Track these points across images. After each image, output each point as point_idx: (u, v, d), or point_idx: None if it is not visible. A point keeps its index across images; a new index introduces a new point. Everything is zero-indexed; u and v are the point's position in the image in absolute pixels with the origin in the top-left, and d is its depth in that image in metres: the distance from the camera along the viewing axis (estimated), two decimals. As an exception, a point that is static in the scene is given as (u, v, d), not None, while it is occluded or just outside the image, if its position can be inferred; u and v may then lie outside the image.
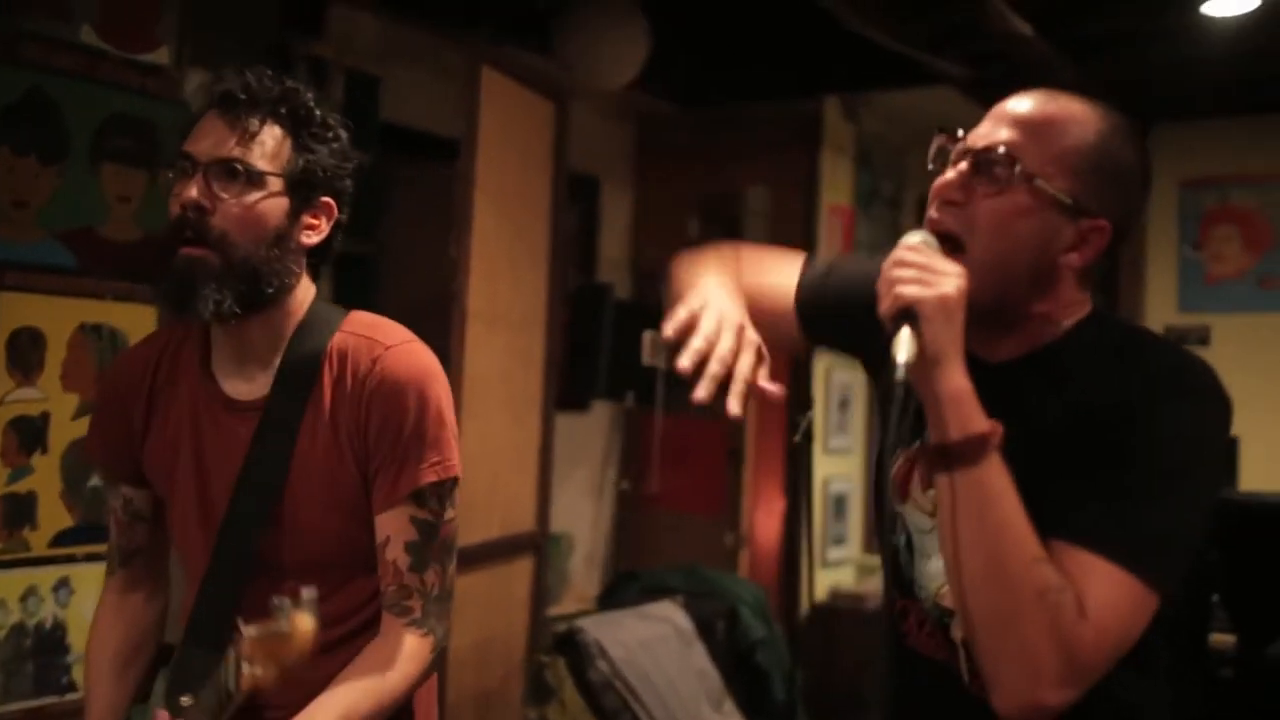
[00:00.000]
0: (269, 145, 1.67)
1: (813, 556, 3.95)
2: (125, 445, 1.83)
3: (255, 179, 1.65)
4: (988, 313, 1.42)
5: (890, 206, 6.14)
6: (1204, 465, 1.38)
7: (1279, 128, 5.58)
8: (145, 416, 1.81)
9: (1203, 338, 5.68)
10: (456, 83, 4.47)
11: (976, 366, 1.40)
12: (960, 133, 1.49)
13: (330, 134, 1.73)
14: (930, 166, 1.50)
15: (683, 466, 5.01)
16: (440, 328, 4.21)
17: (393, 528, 1.70)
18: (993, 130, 1.44)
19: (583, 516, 5.31)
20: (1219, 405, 1.39)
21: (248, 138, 1.65)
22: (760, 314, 1.58)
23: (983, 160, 1.42)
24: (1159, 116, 5.70)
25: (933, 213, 1.46)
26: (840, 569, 5.67)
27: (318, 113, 1.72)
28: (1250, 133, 5.62)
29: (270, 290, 1.69)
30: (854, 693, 4.42)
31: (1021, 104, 1.46)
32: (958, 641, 1.47)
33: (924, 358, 1.32)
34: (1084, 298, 1.48)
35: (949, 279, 1.34)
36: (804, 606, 5.41)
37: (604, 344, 4.07)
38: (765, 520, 5.51)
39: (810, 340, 1.78)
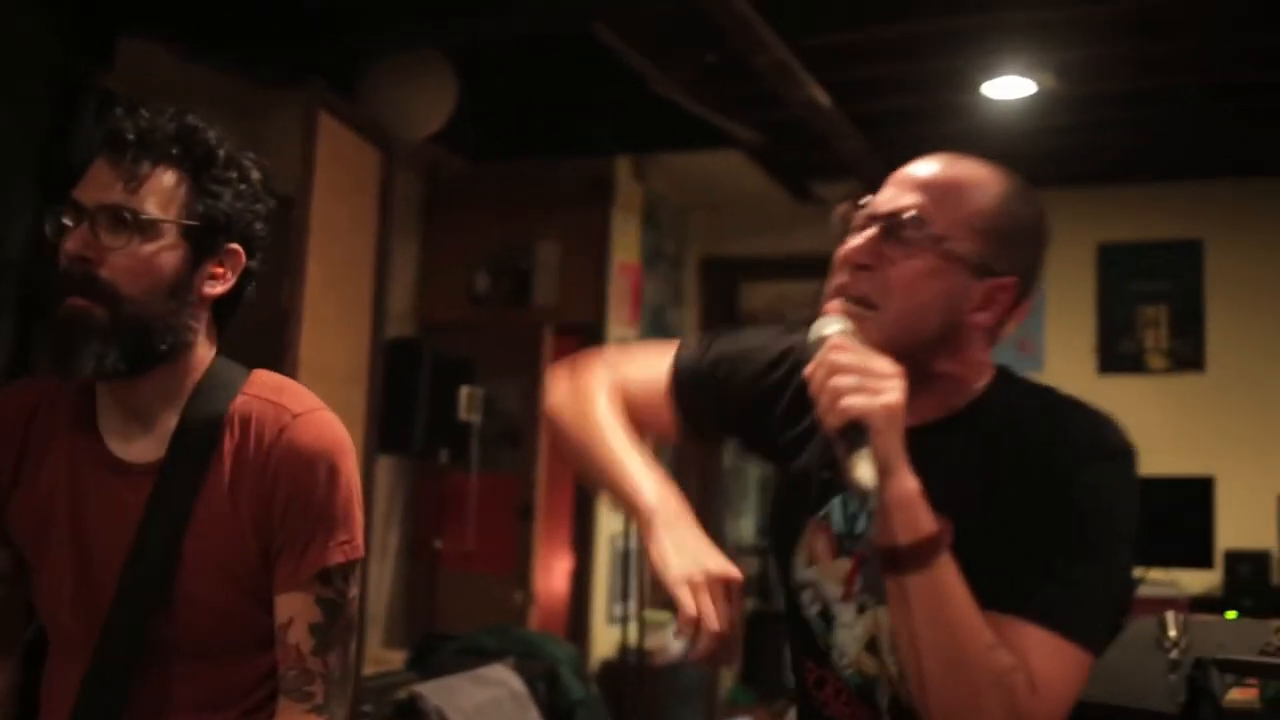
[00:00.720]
0: (163, 190, 1.54)
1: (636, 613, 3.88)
2: None
3: (146, 227, 1.52)
4: (915, 379, 1.39)
5: (673, 266, 6.24)
6: (1129, 523, 1.41)
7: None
8: (14, 470, 1.63)
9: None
10: (256, 123, 4.34)
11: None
12: (864, 200, 1.50)
13: (236, 174, 1.60)
14: (833, 230, 1.51)
15: (474, 524, 4.92)
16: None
17: (295, 608, 1.58)
18: (898, 195, 1.45)
19: (368, 574, 5.14)
20: (1132, 461, 1.43)
21: (137, 183, 1.53)
22: (638, 411, 1.64)
23: (892, 224, 1.42)
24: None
25: (843, 278, 1.46)
26: (626, 625, 5.67)
27: (221, 152, 1.59)
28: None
29: (163, 347, 1.55)
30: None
31: (925, 169, 1.47)
32: (883, 708, 1.48)
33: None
34: (988, 358, 1.49)
35: (892, 383, 1.31)
36: (593, 663, 5.39)
37: (421, 399, 3.96)
38: (552, 577, 5.47)
39: (687, 421, 1.69)
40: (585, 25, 4.01)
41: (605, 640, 5.48)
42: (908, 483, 1.32)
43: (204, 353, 1.63)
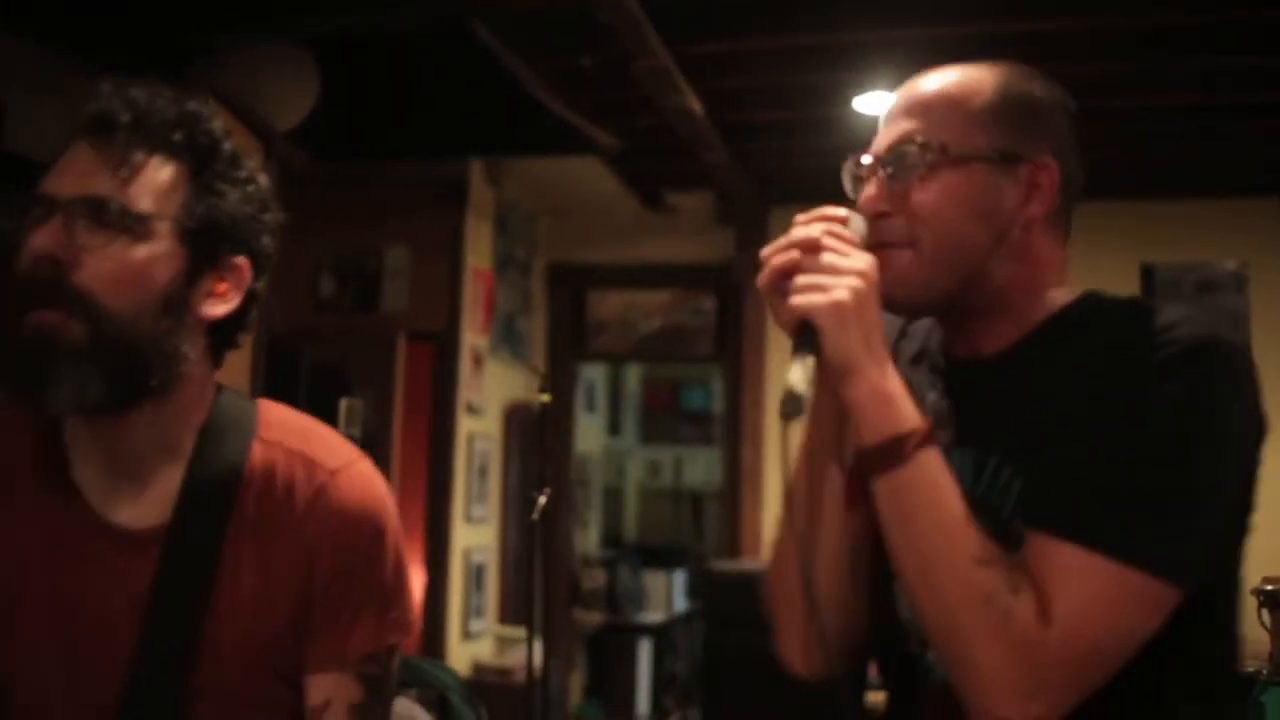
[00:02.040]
0: (158, 183, 1.28)
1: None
2: None
3: (135, 225, 1.25)
4: (965, 304, 1.36)
5: (523, 273, 6.12)
6: (1222, 426, 1.21)
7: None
8: None
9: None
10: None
11: (969, 365, 1.37)
12: (862, 156, 1.42)
13: (242, 174, 1.36)
14: (850, 195, 1.43)
15: None
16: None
17: (334, 689, 1.35)
18: (891, 128, 1.38)
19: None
20: (1229, 359, 1.23)
21: (127, 171, 1.26)
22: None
23: (894, 158, 1.35)
24: (778, 201, 6.04)
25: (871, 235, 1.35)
26: (480, 641, 5.51)
27: (226, 146, 1.35)
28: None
29: (153, 381, 1.28)
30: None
31: (908, 92, 1.41)
32: None
33: (832, 369, 1.24)
34: (1062, 256, 1.39)
35: (845, 281, 1.23)
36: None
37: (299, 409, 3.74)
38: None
39: None
40: (464, 22, 3.86)
41: (460, 657, 5.31)
42: (874, 381, 1.24)
43: (205, 389, 1.37)
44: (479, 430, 5.56)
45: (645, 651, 6.74)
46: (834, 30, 4.04)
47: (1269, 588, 2.33)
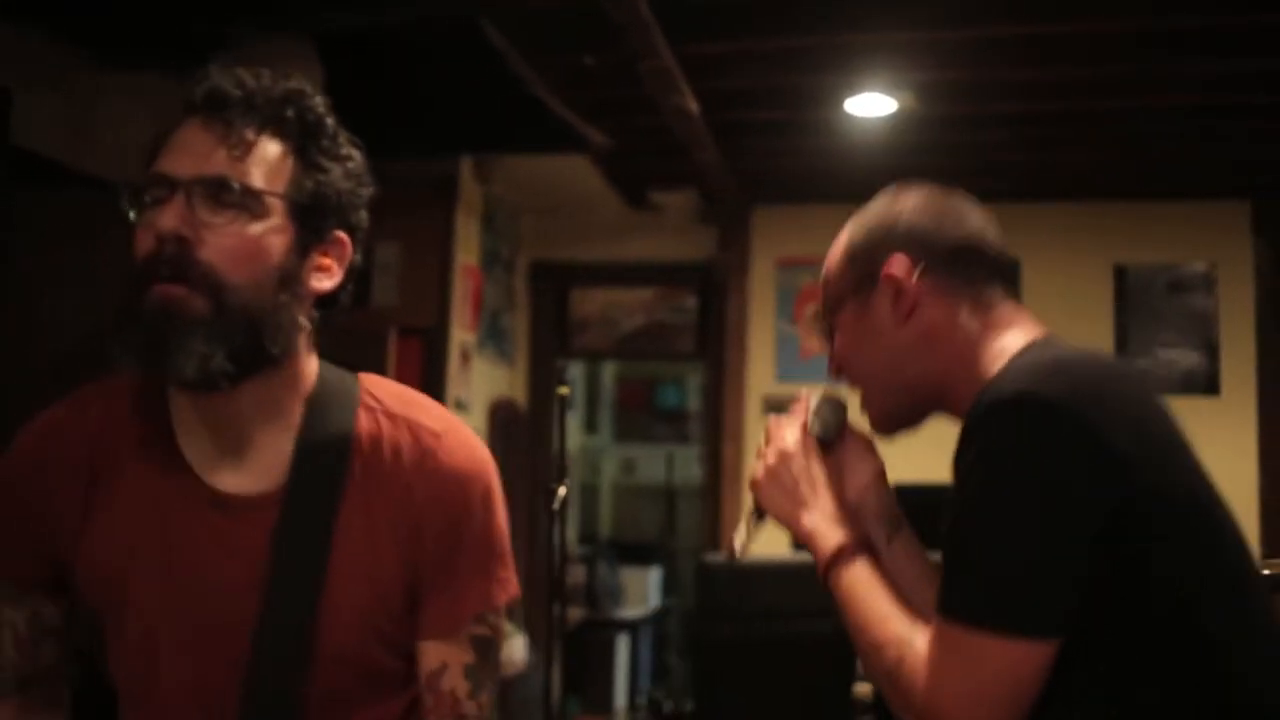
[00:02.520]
0: (269, 161, 1.33)
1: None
2: (45, 544, 1.39)
3: (253, 202, 1.31)
4: (933, 408, 1.54)
5: (506, 270, 6.16)
6: (1020, 477, 1.28)
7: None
8: (82, 511, 1.38)
9: (797, 406, 6.13)
10: (84, 107, 4.08)
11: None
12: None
13: (343, 150, 1.41)
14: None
15: None
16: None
17: (448, 654, 1.41)
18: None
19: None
20: (1018, 409, 1.29)
21: (241, 150, 1.31)
22: None
23: (822, 329, 1.64)
24: (762, 200, 6.13)
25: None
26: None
27: (330, 122, 1.40)
28: (839, 219, 6.16)
29: (275, 350, 1.33)
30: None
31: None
32: None
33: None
34: (981, 316, 1.49)
35: (763, 460, 1.62)
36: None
37: None
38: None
39: None
40: (471, 20, 3.92)
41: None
42: (800, 524, 1.57)
43: (309, 361, 1.42)
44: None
45: (623, 646, 6.80)
46: (832, 31, 4.13)
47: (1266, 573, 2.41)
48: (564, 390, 3.38)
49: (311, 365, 1.44)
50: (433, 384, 5.40)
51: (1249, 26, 4.10)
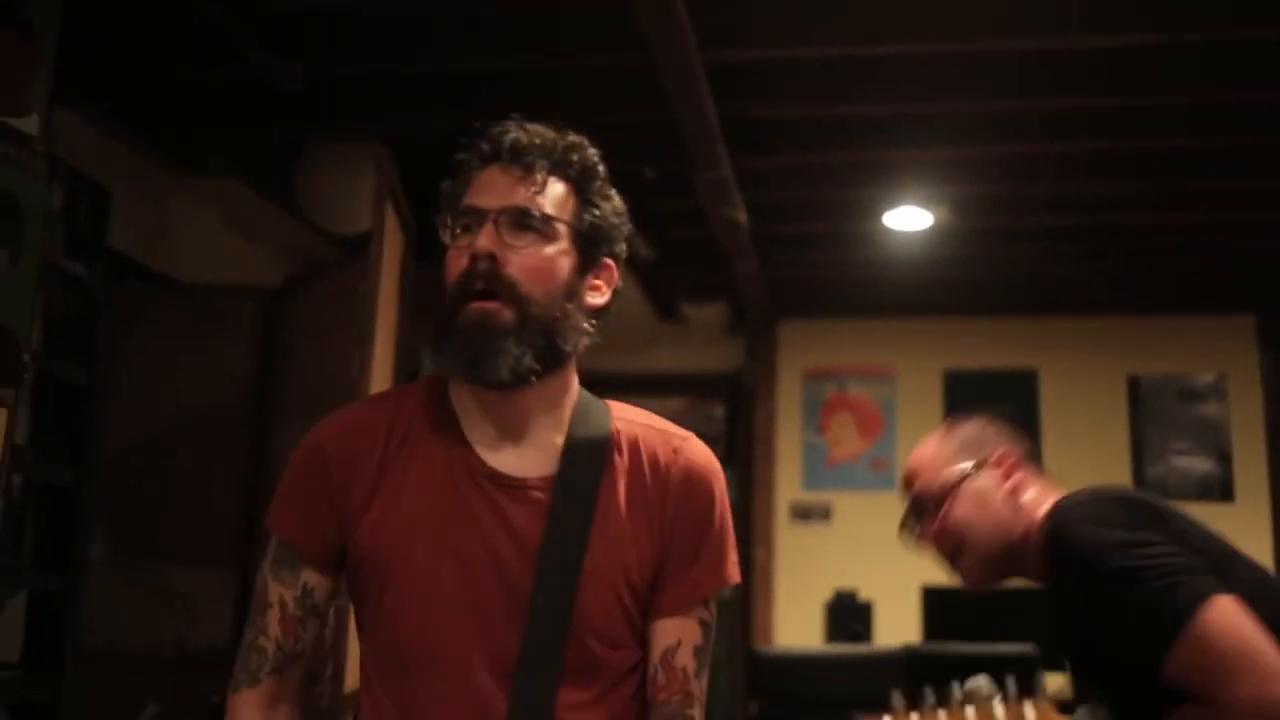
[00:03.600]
0: (557, 197, 1.57)
1: None
2: (330, 521, 1.57)
3: (546, 228, 1.54)
4: (1009, 573, 1.94)
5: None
6: (1103, 579, 1.77)
7: (887, 329, 6.43)
8: (370, 491, 1.56)
9: (825, 513, 6.31)
10: (167, 212, 4.30)
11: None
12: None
13: (611, 191, 1.65)
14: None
15: None
16: (168, 466, 3.92)
17: (683, 631, 1.57)
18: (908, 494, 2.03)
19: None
20: (1069, 550, 1.78)
21: (537, 187, 1.55)
22: None
23: (918, 504, 2.00)
24: (788, 313, 6.40)
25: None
26: None
27: (601, 168, 1.64)
28: (864, 331, 6.43)
29: (566, 348, 1.55)
30: None
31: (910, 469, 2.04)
32: None
33: None
34: (1029, 515, 1.93)
35: None
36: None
37: None
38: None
39: None
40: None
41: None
42: None
43: (575, 372, 1.64)
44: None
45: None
46: (876, 148, 4.44)
47: None
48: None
49: (576, 376, 1.65)
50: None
51: (1261, 145, 4.43)
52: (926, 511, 1.95)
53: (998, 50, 3.80)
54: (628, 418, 1.65)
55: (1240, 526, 5.89)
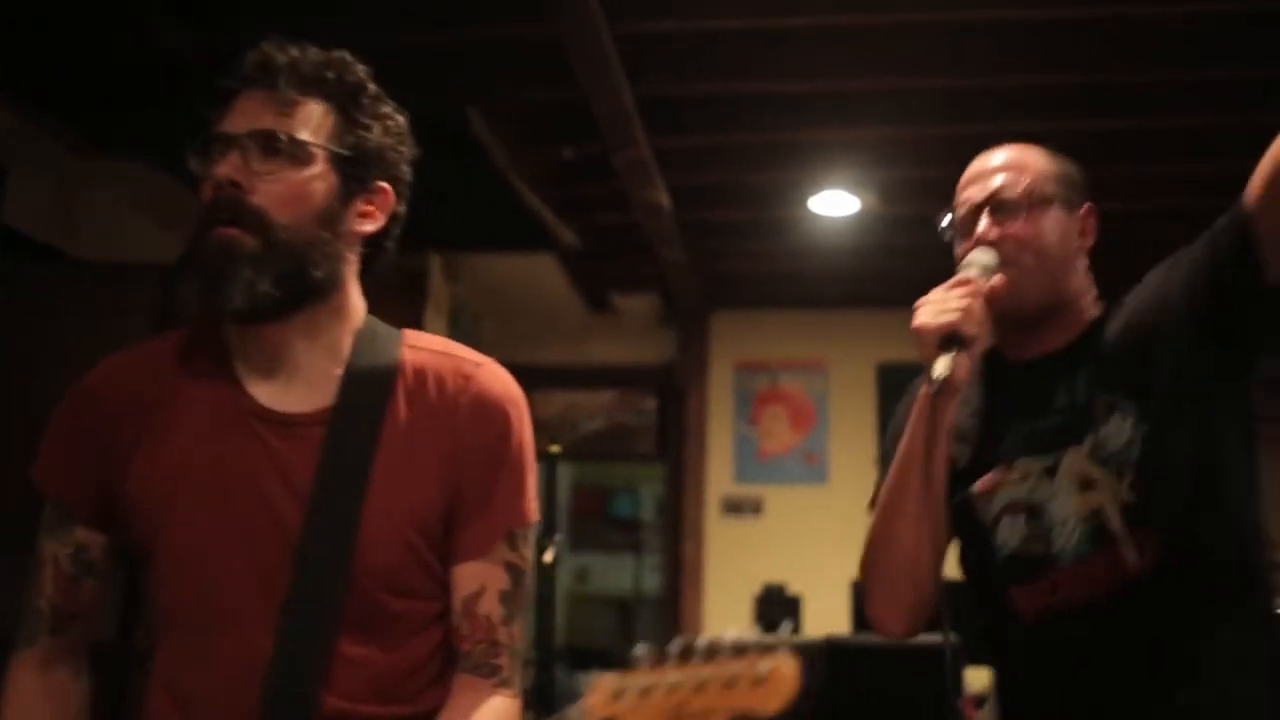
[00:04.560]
0: (313, 118, 1.48)
1: None
2: (98, 474, 1.48)
3: (298, 152, 1.45)
4: (1046, 312, 1.78)
5: (470, 371, 6.23)
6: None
7: (820, 321, 6.35)
8: (136, 436, 1.47)
9: (756, 507, 6.22)
10: (71, 191, 4.16)
11: (1014, 365, 1.78)
12: (949, 216, 1.89)
13: (384, 110, 1.54)
14: (948, 236, 1.89)
15: None
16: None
17: (486, 576, 1.48)
18: (985, 184, 1.83)
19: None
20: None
21: (288, 108, 1.46)
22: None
23: (997, 202, 1.80)
24: (720, 304, 6.30)
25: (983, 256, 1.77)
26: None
27: (371, 86, 1.53)
28: (796, 323, 6.35)
29: (318, 275, 1.45)
30: None
31: (988, 162, 1.86)
32: (1117, 529, 1.64)
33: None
34: (1092, 282, 1.84)
35: (961, 305, 1.68)
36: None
37: None
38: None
39: None
40: (459, 111, 4.06)
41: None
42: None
43: (358, 300, 1.55)
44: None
45: (580, 753, 6.72)
46: (800, 127, 4.33)
47: None
48: (555, 448, 3.44)
49: (360, 304, 1.56)
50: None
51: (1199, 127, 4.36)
52: (1009, 211, 1.78)
53: (925, 21, 3.70)
54: (419, 345, 1.56)
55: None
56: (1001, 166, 1.83)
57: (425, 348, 1.55)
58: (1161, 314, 1.69)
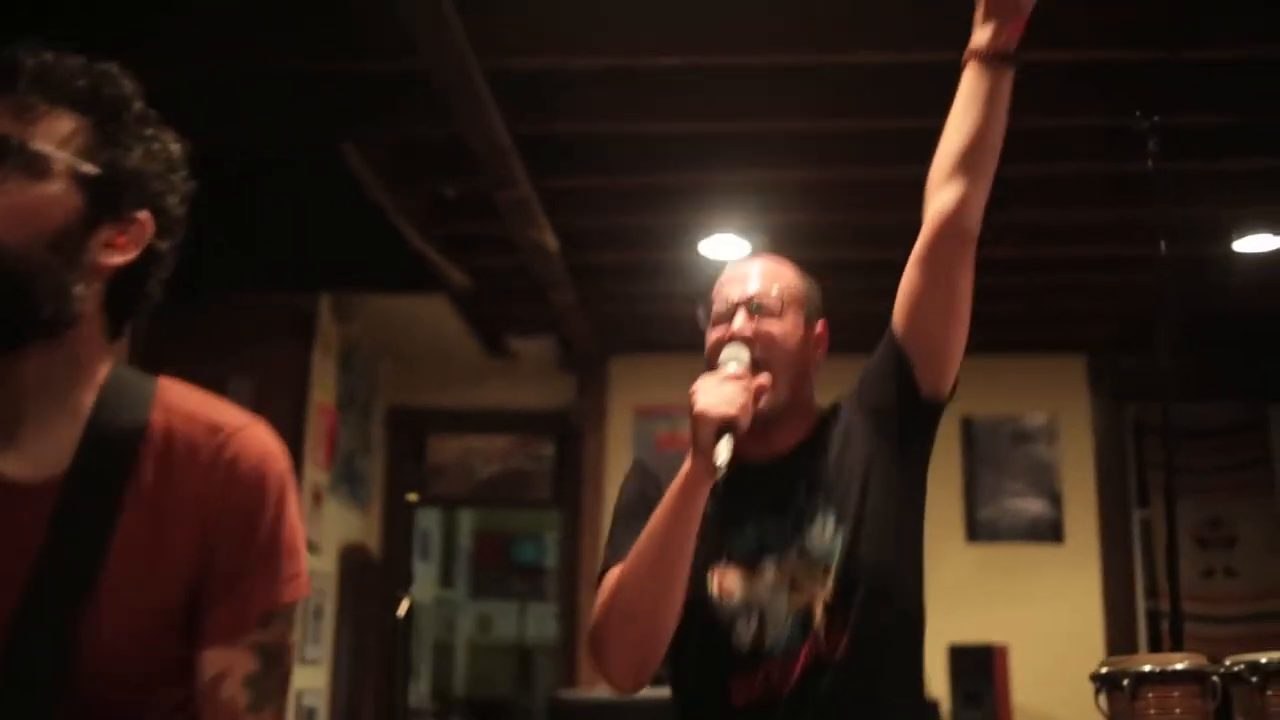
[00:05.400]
0: (59, 130, 1.31)
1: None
2: None
3: (34, 164, 1.27)
4: (783, 414, 1.95)
5: (363, 414, 6.10)
6: None
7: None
8: None
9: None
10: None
11: (745, 464, 1.83)
12: (711, 315, 2.02)
13: (149, 132, 1.37)
14: (703, 324, 2.04)
15: None
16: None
17: (230, 660, 1.31)
18: (745, 286, 2.00)
19: None
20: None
21: (30, 115, 1.30)
22: None
23: (759, 303, 1.97)
24: (619, 349, 6.22)
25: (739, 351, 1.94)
26: None
27: (135, 104, 1.37)
28: (696, 368, 6.25)
29: (45, 309, 1.27)
30: None
31: (751, 267, 2.05)
32: (818, 619, 1.84)
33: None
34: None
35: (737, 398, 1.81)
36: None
37: None
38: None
39: None
40: (334, 145, 3.95)
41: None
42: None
43: (102, 347, 1.36)
44: (316, 569, 5.44)
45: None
46: (687, 170, 4.27)
47: (1105, 670, 2.44)
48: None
49: (104, 353, 1.38)
50: (281, 524, 5.26)
51: (1076, 176, 4.36)
52: (764, 312, 1.96)
53: (809, 64, 3.66)
54: (173, 403, 1.37)
55: (1070, 566, 5.83)
56: (760, 273, 2.02)
57: (179, 407, 1.37)
58: (849, 430, 1.95)
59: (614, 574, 1.87)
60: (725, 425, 1.74)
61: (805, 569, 1.86)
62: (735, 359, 1.89)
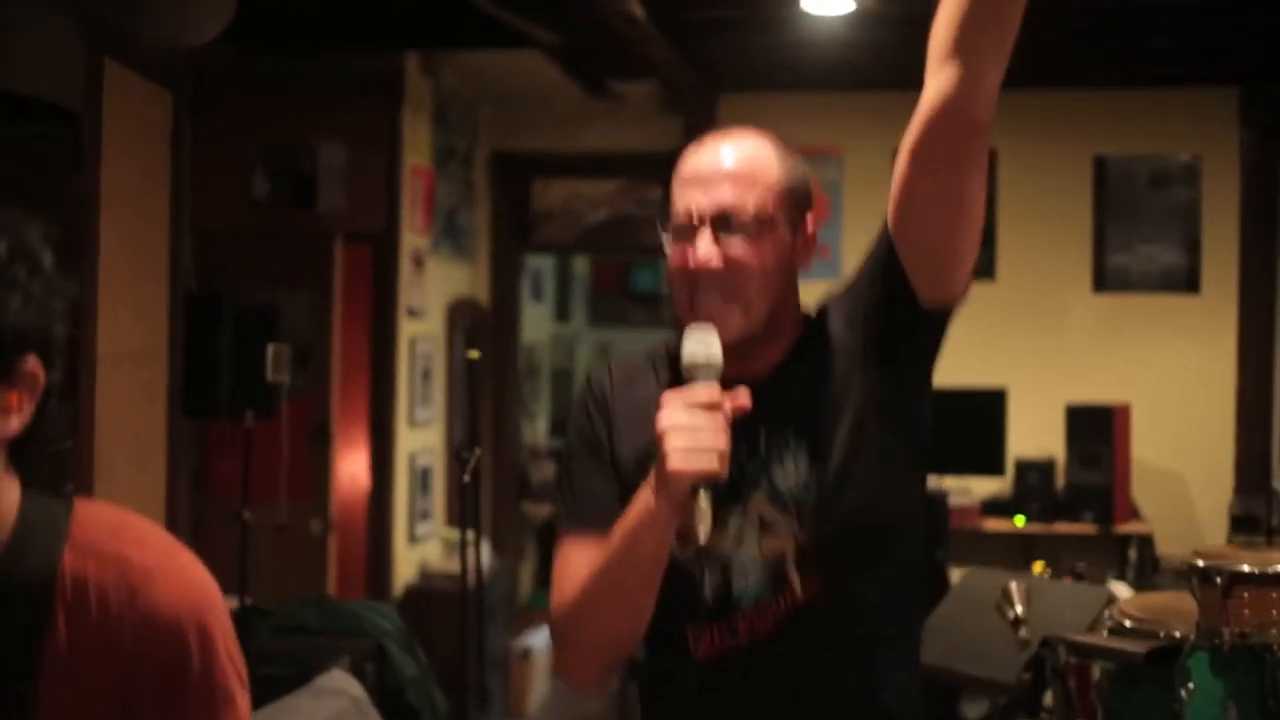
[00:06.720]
0: None
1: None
2: None
3: None
4: (768, 333, 1.69)
5: (464, 164, 5.94)
6: None
7: (834, 105, 5.91)
8: None
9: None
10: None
11: (745, 382, 1.59)
12: (670, 218, 1.70)
13: (25, 271, 1.19)
14: (663, 238, 1.72)
15: (284, 490, 4.40)
16: None
17: None
18: (714, 193, 1.65)
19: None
20: None
21: None
22: None
23: (720, 220, 1.64)
24: (726, 88, 5.88)
25: (695, 286, 1.66)
26: (427, 544, 5.51)
27: (2, 247, 1.18)
28: (809, 107, 5.91)
29: None
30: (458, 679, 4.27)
31: (723, 160, 1.68)
32: (792, 570, 1.65)
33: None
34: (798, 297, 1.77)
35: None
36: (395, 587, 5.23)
37: (224, 360, 3.59)
38: (351, 501, 5.24)
39: None
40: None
41: (406, 561, 5.32)
42: None
43: (6, 500, 1.24)
44: (421, 333, 5.46)
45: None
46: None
47: (1200, 563, 2.31)
48: (473, 355, 3.21)
49: (9, 505, 1.25)
50: (383, 292, 5.26)
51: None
52: (735, 230, 1.64)
53: None
54: (86, 545, 1.25)
55: (1204, 318, 5.52)
56: (731, 174, 1.66)
57: (91, 550, 1.24)
58: (835, 348, 1.70)
59: (572, 548, 1.69)
60: (703, 482, 1.50)
61: (777, 512, 1.65)
62: (706, 363, 1.54)
